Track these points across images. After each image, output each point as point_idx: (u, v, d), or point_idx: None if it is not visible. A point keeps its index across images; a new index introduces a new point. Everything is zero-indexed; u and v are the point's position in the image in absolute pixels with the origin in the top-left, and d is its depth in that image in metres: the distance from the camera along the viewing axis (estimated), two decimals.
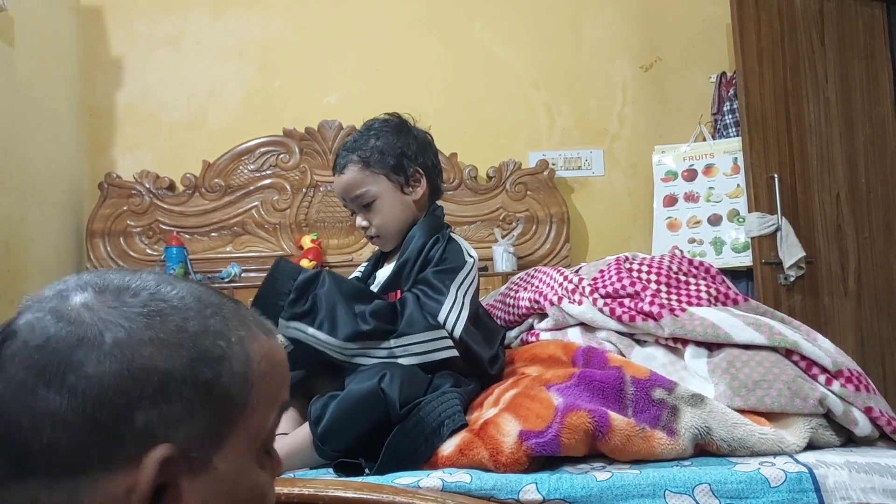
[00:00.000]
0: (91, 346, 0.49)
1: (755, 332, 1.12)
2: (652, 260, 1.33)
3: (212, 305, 0.56)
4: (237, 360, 0.55)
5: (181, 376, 0.51)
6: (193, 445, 0.51)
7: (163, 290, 0.55)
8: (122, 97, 3.27)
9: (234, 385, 0.54)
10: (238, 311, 0.59)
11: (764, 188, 2.84)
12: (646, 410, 1.04)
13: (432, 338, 1.19)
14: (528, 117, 3.29)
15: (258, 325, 0.59)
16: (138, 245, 3.10)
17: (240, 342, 0.56)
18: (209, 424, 0.52)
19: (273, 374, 0.57)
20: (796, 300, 2.81)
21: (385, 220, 1.38)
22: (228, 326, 0.56)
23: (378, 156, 1.37)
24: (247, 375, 0.55)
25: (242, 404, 0.54)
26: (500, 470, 1.00)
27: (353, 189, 1.38)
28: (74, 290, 0.53)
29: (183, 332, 0.53)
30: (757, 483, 0.95)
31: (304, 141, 3.16)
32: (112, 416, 0.48)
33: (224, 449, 0.53)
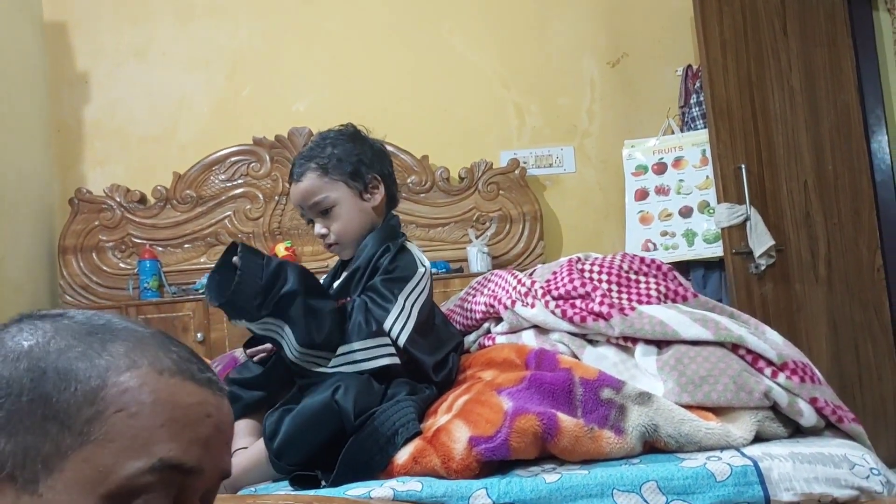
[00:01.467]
0: None
1: (702, 329, 1.14)
2: (603, 260, 1.34)
3: (102, 332, 0.54)
4: (85, 383, 0.51)
5: (17, 387, 0.50)
6: (14, 461, 0.49)
7: (70, 313, 0.55)
8: (90, 112, 3.25)
9: (72, 409, 0.50)
10: (138, 345, 0.54)
11: (732, 179, 2.87)
12: (594, 411, 1.06)
13: (375, 345, 1.20)
14: (498, 117, 3.30)
15: (160, 359, 0.54)
16: (111, 260, 3.09)
17: (103, 367, 0.52)
18: (35, 444, 0.49)
19: (141, 415, 0.51)
20: (768, 288, 2.84)
21: (343, 227, 1.38)
22: (102, 348, 0.53)
23: (336, 162, 1.38)
24: (92, 403, 0.50)
25: (79, 433, 0.49)
26: (452, 476, 1.01)
27: (312, 196, 1.38)
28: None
29: (42, 346, 0.52)
30: (703, 478, 0.97)
31: (275, 149, 3.16)
32: None
33: (53, 478, 0.49)
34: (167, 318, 2.81)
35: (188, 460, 0.52)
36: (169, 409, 0.52)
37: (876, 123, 3.06)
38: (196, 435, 0.53)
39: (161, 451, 0.50)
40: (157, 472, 0.50)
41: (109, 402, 0.50)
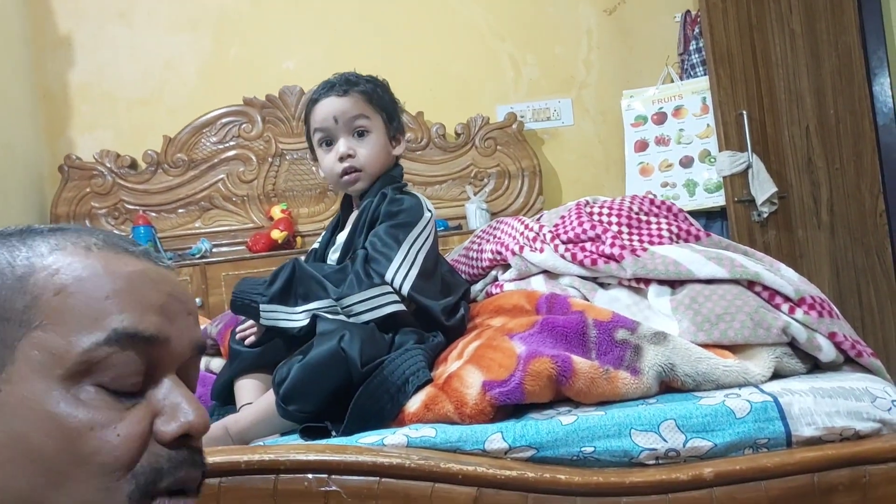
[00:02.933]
0: None
1: (717, 267, 1.11)
2: (612, 202, 1.31)
3: (22, 232, 0.53)
4: (12, 274, 0.50)
5: None
6: None
7: (10, 227, 0.54)
8: (75, 76, 3.17)
9: (6, 301, 0.49)
10: (61, 231, 0.53)
11: (733, 126, 2.82)
12: (609, 352, 1.03)
13: (375, 294, 1.18)
14: (493, 70, 3.23)
15: (84, 239, 0.53)
16: (105, 226, 3.04)
17: (27, 256, 0.51)
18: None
19: (81, 292, 0.50)
20: (770, 236, 2.82)
21: (371, 154, 1.35)
22: (22, 241, 0.52)
23: (379, 98, 1.38)
24: (24, 291, 0.49)
25: (20, 322, 0.49)
26: (466, 422, 0.99)
27: (353, 111, 1.34)
28: None
29: None
30: (722, 415, 0.95)
31: (266, 109, 3.09)
32: None
33: (6, 371, 0.48)
34: None
35: (145, 328, 0.51)
36: (109, 280, 0.51)
37: (878, 65, 3.00)
38: (147, 302, 0.52)
39: (113, 323, 0.50)
40: (115, 343, 0.49)
41: (43, 287, 0.50)
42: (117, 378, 0.50)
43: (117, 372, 0.50)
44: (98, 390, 0.49)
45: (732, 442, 0.94)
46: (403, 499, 0.89)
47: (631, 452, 0.94)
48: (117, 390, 0.50)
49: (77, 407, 0.48)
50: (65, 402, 0.48)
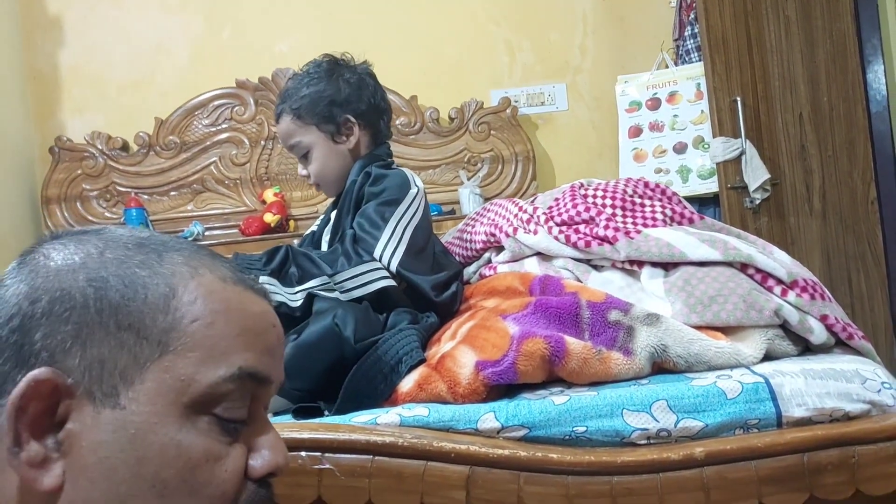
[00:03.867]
0: (14, 275, 0.51)
1: (710, 249, 1.11)
2: (607, 185, 1.31)
3: (152, 243, 0.53)
4: (154, 292, 0.50)
5: (82, 298, 0.49)
6: (88, 375, 0.48)
7: (110, 229, 0.55)
8: (66, 58, 3.13)
9: (147, 318, 0.50)
10: (195, 254, 0.54)
11: (727, 112, 2.82)
12: (602, 333, 1.03)
13: (365, 270, 1.19)
14: (488, 54, 3.21)
15: (216, 269, 0.54)
16: (96, 209, 3.02)
17: (168, 276, 0.51)
18: (111, 356, 0.49)
19: (216, 324, 0.51)
20: (762, 222, 2.83)
21: (320, 170, 1.39)
22: (160, 259, 0.52)
23: (308, 106, 1.37)
24: (166, 311, 0.50)
25: (158, 342, 0.50)
26: (459, 401, 0.99)
27: (288, 139, 1.40)
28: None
29: (95, 258, 0.51)
30: (713, 396, 0.96)
31: (259, 91, 3.07)
32: (14, 334, 0.49)
33: (134, 390, 0.49)
34: None
35: (262, 370, 0.53)
36: (241, 318, 0.53)
37: (872, 53, 3.00)
38: (266, 345, 0.54)
39: (239, 361, 0.51)
40: (237, 381, 0.51)
41: (184, 312, 0.51)
42: (229, 413, 0.51)
43: (232, 408, 0.51)
44: (211, 423, 0.51)
45: (723, 422, 0.94)
46: (396, 477, 0.90)
47: (623, 432, 0.94)
48: (226, 426, 0.51)
49: (197, 437, 0.50)
50: (186, 431, 0.49)
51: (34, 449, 0.48)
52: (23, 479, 0.48)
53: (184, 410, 0.50)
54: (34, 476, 0.48)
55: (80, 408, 0.48)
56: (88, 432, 0.48)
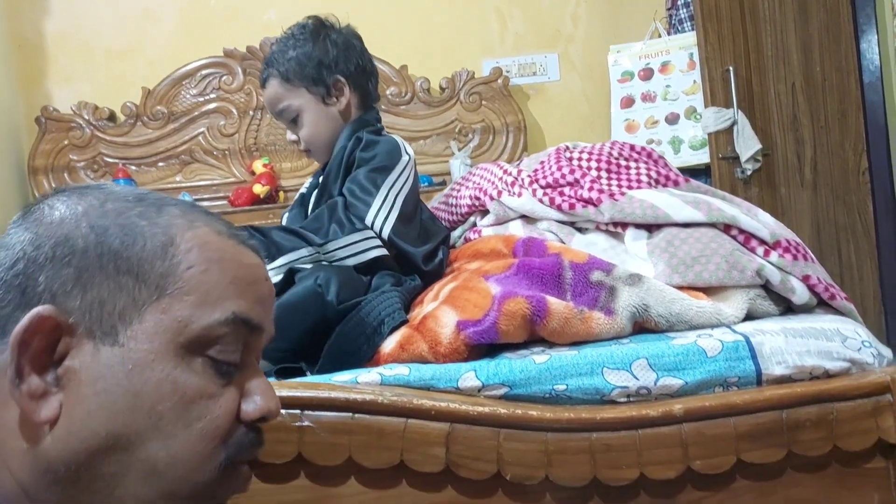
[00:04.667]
0: (19, 223, 0.55)
1: (694, 210, 1.11)
2: (592, 147, 1.30)
3: (150, 198, 0.57)
4: (153, 239, 0.54)
5: (83, 244, 0.53)
6: (89, 315, 0.51)
7: (110, 185, 0.59)
8: (52, 25, 3.09)
9: (145, 263, 0.53)
10: (190, 208, 0.57)
11: (720, 82, 2.81)
12: (584, 293, 1.03)
13: (359, 239, 1.17)
14: (479, 23, 3.18)
15: (211, 223, 0.57)
16: (84, 180, 3.00)
17: (166, 226, 0.55)
18: (110, 298, 0.52)
19: (211, 272, 0.54)
20: (753, 193, 2.83)
21: (311, 134, 1.36)
22: (158, 211, 0.56)
23: (296, 68, 1.33)
24: (163, 258, 0.53)
25: (156, 286, 0.53)
26: (440, 361, 0.99)
27: (276, 104, 1.36)
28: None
29: (96, 208, 0.54)
30: (693, 354, 0.96)
31: (247, 60, 3.04)
32: (18, 278, 0.52)
33: (132, 329, 0.52)
34: None
35: (254, 317, 0.57)
36: (235, 268, 0.56)
37: (866, 22, 2.98)
38: (258, 294, 0.58)
39: (233, 306, 0.55)
40: (230, 325, 0.54)
41: (180, 259, 0.54)
42: (223, 356, 0.55)
43: (225, 351, 0.55)
44: (206, 364, 0.54)
45: (703, 380, 0.94)
46: (377, 434, 0.90)
47: (603, 390, 0.94)
48: (219, 368, 0.55)
49: (192, 375, 0.53)
50: (181, 369, 0.53)
51: (35, 382, 0.51)
52: (22, 410, 0.51)
53: (179, 350, 0.53)
54: (33, 408, 0.50)
55: (80, 345, 0.51)
56: (87, 368, 0.51)
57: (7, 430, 0.51)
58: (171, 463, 0.52)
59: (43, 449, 0.51)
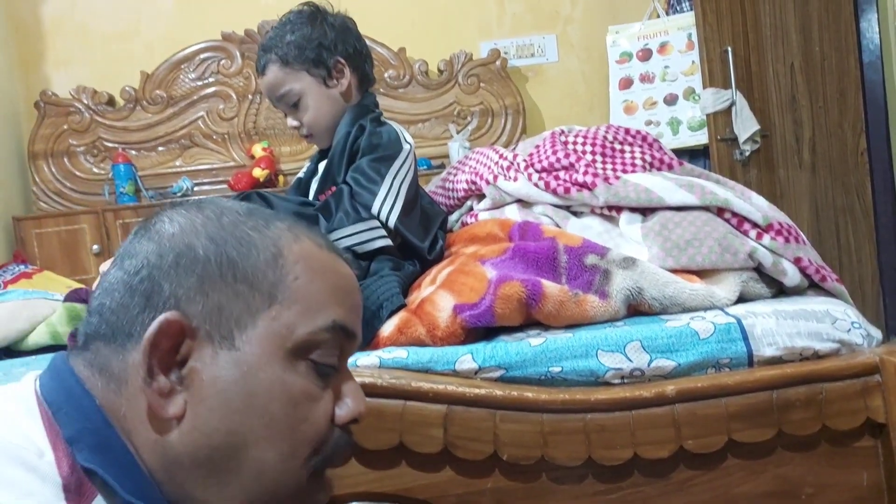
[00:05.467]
0: (142, 235, 0.60)
1: (687, 193, 1.12)
2: (587, 131, 1.31)
3: (260, 212, 0.62)
4: (265, 251, 0.58)
5: (203, 254, 0.57)
6: (209, 320, 0.56)
7: (225, 202, 0.63)
8: (49, 9, 3.08)
9: (259, 273, 0.57)
10: (294, 223, 0.62)
11: (718, 62, 2.80)
12: (579, 276, 1.05)
13: (364, 228, 1.19)
14: (476, 5, 3.17)
15: (312, 237, 0.62)
16: (84, 164, 3.01)
17: (275, 239, 0.59)
18: (228, 304, 0.56)
19: (315, 281, 0.59)
20: (752, 175, 2.83)
21: (314, 117, 1.36)
22: (267, 225, 0.60)
23: (295, 51, 1.33)
24: (274, 268, 0.58)
25: (268, 294, 0.57)
26: (438, 344, 1.01)
27: (277, 89, 1.35)
28: None
29: (214, 221, 0.59)
30: (686, 336, 0.97)
31: (245, 44, 3.03)
32: (144, 283, 0.56)
33: (247, 334, 0.56)
34: None
35: (349, 324, 0.61)
36: (334, 278, 0.61)
37: (866, 1, 2.96)
38: (353, 303, 0.63)
39: (333, 314, 0.59)
40: (331, 331, 0.59)
41: (289, 269, 0.58)
42: (323, 359, 0.59)
43: (325, 355, 0.59)
44: (308, 367, 0.58)
45: (695, 361, 0.96)
46: (377, 415, 0.92)
47: (597, 372, 0.96)
48: (320, 370, 0.59)
49: (298, 377, 0.57)
50: (289, 372, 0.57)
51: (162, 381, 0.55)
52: (152, 406, 0.55)
53: (287, 354, 0.57)
54: (161, 404, 0.55)
55: (201, 348, 0.56)
56: (208, 369, 0.55)
57: (139, 422, 0.55)
58: (276, 464, 0.56)
59: (170, 441, 0.55)
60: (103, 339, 0.57)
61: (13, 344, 1.53)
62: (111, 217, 2.76)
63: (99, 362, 0.57)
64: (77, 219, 2.77)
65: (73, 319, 1.52)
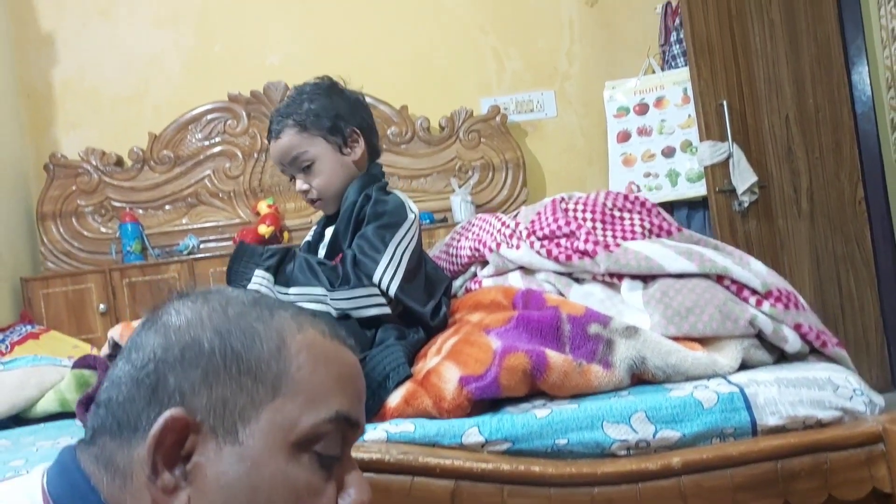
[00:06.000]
0: (149, 327, 0.60)
1: (687, 261, 1.14)
2: (587, 198, 1.34)
3: (265, 301, 0.62)
4: (269, 342, 0.58)
5: (209, 347, 0.57)
6: (213, 413, 0.56)
7: (231, 292, 0.63)
8: (59, 74, 3.17)
9: (263, 364, 0.57)
10: (298, 312, 0.62)
11: (714, 116, 2.86)
12: (582, 346, 1.06)
13: (363, 294, 1.21)
14: (476, 63, 3.25)
15: (316, 325, 0.62)
16: (91, 224, 3.05)
17: (278, 328, 0.59)
18: (232, 397, 0.56)
19: (318, 372, 0.59)
20: (751, 225, 2.86)
21: (325, 182, 1.38)
22: (271, 315, 0.60)
23: (314, 118, 1.37)
24: (277, 359, 0.58)
25: (272, 386, 0.57)
26: (444, 416, 1.02)
27: (291, 152, 1.38)
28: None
29: (219, 312, 0.59)
30: (691, 406, 0.99)
31: (251, 105, 3.10)
32: (150, 377, 0.57)
33: (251, 427, 0.56)
34: (152, 280, 2.80)
35: (353, 414, 0.60)
36: (338, 367, 0.60)
37: (856, 54, 3.03)
38: (356, 391, 0.62)
39: (336, 405, 0.59)
40: (334, 422, 0.58)
41: (292, 360, 0.58)
42: (327, 450, 0.58)
43: (329, 446, 0.58)
44: (312, 459, 0.58)
45: (700, 432, 0.97)
46: (384, 492, 0.93)
47: (603, 444, 0.97)
48: (323, 461, 0.58)
49: (301, 470, 0.57)
50: (292, 465, 0.56)
51: (167, 478, 0.55)
52: (156, 502, 0.55)
53: (290, 447, 0.56)
54: (166, 501, 0.55)
55: (205, 442, 0.55)
56: (212, 464, 0.55)
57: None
58: None
59: None
60: (109, 432, 0.58)
61: (22, 411, 1.55)
62: (118, 276, 2.79)
63: (105, 457, 0.57)
64: (84, 278, 2.80)
65: (81, 386, 1.54)
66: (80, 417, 1.39)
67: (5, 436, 1.38)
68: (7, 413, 1.50)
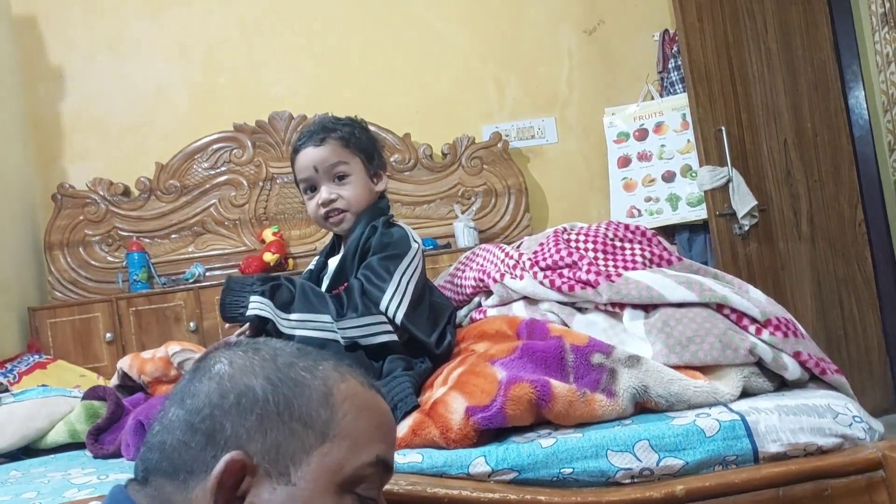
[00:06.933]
0: (201, 375, 0.64)
1: (687, 291, 1.17)
2: (588, 229, 1.37)
3: (309, 352, 0.67)
4: (317, 391, 0.63)
5: (262, 394, 0.61)
6: (267, 457, 0.59)
7: (277, 343, 0.68)
8: (67, 106, 3.22)
9: (312, 411, 0.62)
10: (338, 363, 0.67)
11: (713, 141, 2.89)
12: (586, 375, 1.08)
13: (372, 322, 1.23)
14: (477, 91, 3.30)
15: (355, 376, 0.66)
16: (98, 254, 3.09)
17: (324, 378, 0.63)
18: (284, 442, 0.60)
19: (360, 419, 0.63)
20: (752, 248, 2.88)
21: (354, 196, 1.40)
22: (316, 365, 0.65)
23: (356, 140, 1.43)
24: (325, 406, 0.62)
25: (321, 432, 0.61)
26: (451, 446, 1.04)
27: (332, 159, 1.40)
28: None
29: (269, 362, 0.64)
30: (693, 434, 1.00)
31: (256, 134, 3.15)
32: (205, 422, 0.61)
33: (302, 470, 0.60)
34: (159, 308, 2.82)
35: (390, 458, 0.65)
36: (377, 415, 0.66)
37: (853, 79, 3.08)
38: (392, 438, 0.68)
39: (377, 449, 0.63)
40: (374, 466, 0.63)
41: (338, 407, 0.63)
42: (366, 492, 0.63)
43: (369, 488, 0.63)
44: (353, 500, 0.62)
45: (703, 460, 0.99)
46: None
47: (607, 472, 0.99)
48: (363, 502, 0.62)
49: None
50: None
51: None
52: None
53: (336, 488, 0.60)
54: None
55: (260, 484, 0.59)
56: (259, 500, 0.59)
57: None
58: None
59: None
60: (164, 474, 0.61)
61: (32, 442, 1.56)
62: (124, 305, 2.82)
63: (161, 497, 0.60)
64: (91, 307, 2.82)
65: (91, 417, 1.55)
66: (90, 448, 1.41)
67: (16, 467, 1.40)
68: (18, 444, 1.52)
